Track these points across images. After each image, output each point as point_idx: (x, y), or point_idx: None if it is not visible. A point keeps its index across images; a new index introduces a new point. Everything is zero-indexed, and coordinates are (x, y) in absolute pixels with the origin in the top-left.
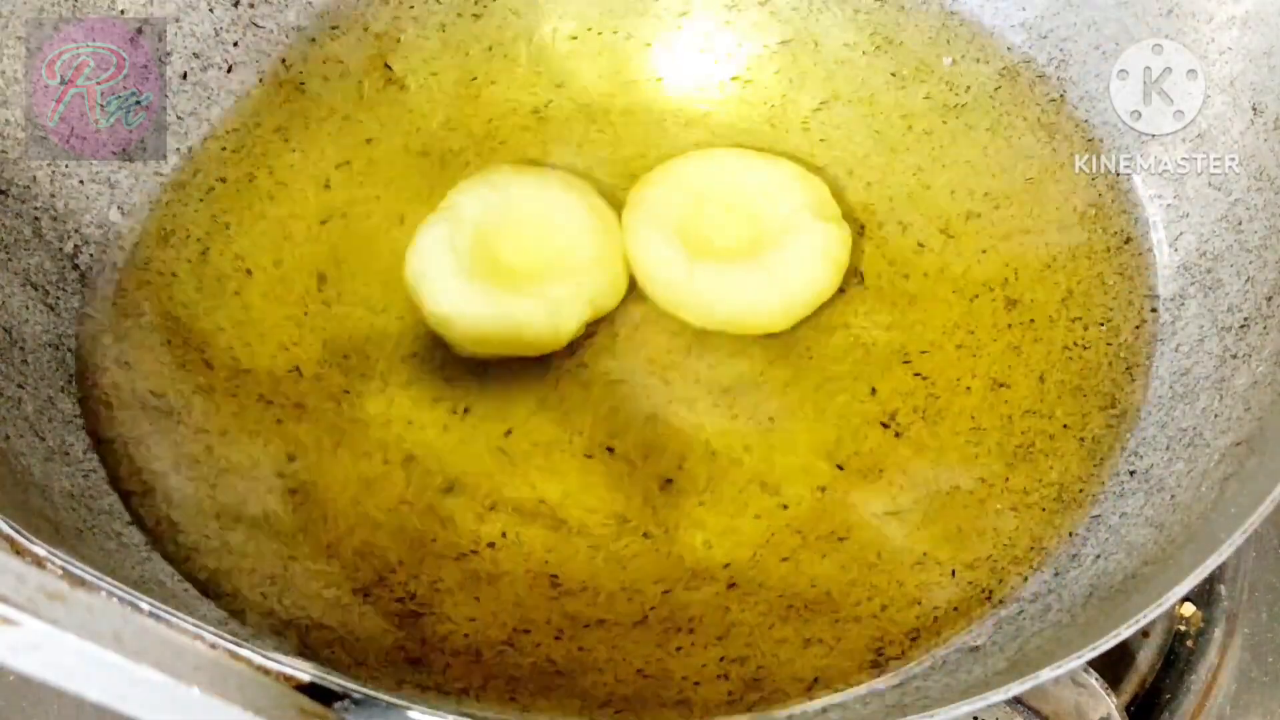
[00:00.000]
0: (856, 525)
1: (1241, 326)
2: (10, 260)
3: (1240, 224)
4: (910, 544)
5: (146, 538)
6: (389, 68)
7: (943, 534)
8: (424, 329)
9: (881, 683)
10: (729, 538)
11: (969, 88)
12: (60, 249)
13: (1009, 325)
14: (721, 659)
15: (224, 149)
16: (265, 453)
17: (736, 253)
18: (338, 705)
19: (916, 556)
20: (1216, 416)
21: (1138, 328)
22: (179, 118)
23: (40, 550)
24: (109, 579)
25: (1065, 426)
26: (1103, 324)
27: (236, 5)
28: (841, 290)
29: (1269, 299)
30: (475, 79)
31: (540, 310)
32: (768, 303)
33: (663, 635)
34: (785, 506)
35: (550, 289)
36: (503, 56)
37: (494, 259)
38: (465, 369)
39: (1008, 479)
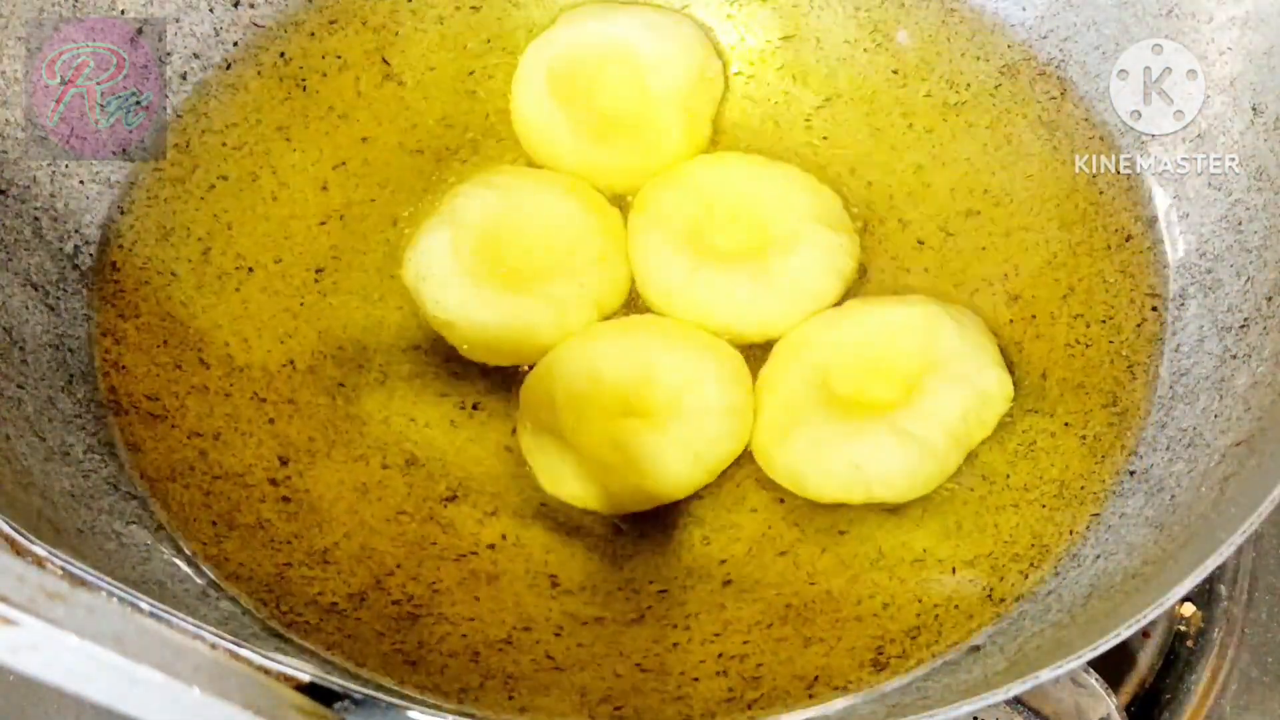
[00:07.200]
0: (856, 520)
1: (1241, 326)
2: (10, 260)
3: (1240, 224)
4: (911, 540)
5: (147, 539)
6: (386, 62)
7: (942, 530)
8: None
9: (880, 681)
10: (725, 533)
11: (969, 85)
12: (60, 249)
13: (1010, 321)
14: (720, 655)
15: (224, 145)
16: (258, 456)
17: (740, 259)
18: (338, 705)
19: (917, 553)
20: (1216, 416)
21: (1139, 326)
22: (179, 116)
23: (40, 550)
24: (109, 579)
25: (1066, 424)
26: (1104, 321)
27: (236, 5)
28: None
29: (1269, 299)
30: (473, 73)
31: (545, 311)
32: (765, 311)
33: (660, 632)
34: (781, 500)
35: (554, 289)
36: (502, 50)
37: (497, 261)
38: (473, 363)
39: (1009, 476)
